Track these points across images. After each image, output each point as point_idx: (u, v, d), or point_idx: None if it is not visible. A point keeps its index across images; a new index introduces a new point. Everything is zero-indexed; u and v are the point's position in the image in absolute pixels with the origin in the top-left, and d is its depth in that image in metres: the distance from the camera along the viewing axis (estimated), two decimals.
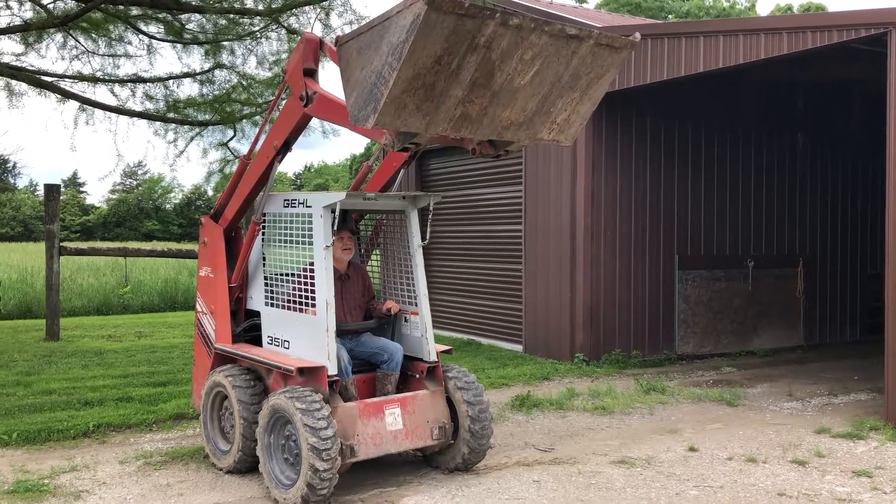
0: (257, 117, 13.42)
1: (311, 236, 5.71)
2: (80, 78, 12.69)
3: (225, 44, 12.73)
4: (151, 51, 12.83)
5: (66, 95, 12.61)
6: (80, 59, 12.75)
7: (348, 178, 67.56)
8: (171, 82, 13.41)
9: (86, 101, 12.82)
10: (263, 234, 6.26)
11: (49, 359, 10.86)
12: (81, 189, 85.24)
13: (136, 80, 13.17)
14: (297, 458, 5.35)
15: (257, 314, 6.33)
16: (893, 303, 7.53)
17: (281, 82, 6.30)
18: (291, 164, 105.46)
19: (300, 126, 5.81)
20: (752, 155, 12.60)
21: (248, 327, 6.44)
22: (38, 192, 70.70)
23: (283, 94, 6.05)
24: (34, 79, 12.15)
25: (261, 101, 13.43)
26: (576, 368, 10.59)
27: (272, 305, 6.14)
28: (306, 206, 5.77)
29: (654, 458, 6.61)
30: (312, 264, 5.68)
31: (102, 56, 12.83)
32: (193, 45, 12.72)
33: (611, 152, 11.17)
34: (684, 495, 5.73)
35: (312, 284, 5.66)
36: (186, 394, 8.39)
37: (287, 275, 6.05)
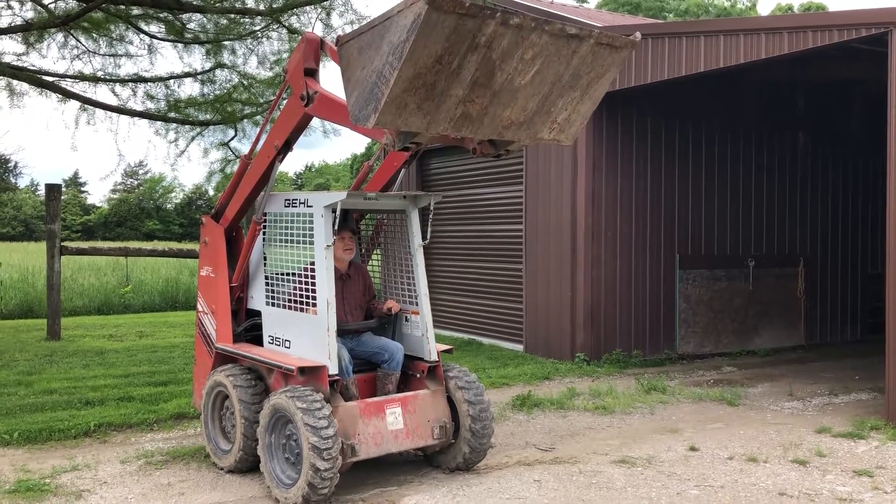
0: (258, 117, 13.44)
1: (311, 236, 5.72)
2: (82, 78, 12.71)
3: (226, 43, 12.75)
4: (152, 50, 12.86)
5: (68, 95, 12.63)
6: (82, 59, 12.79)
7: (349, 178, 67.52)
8: (172, 82, 13.45)
9: (87, 101, 12.84)
10: (264, 233, 6.26)
11: (50, 358, 10.86)
12: (82, 189, 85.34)
13: (137, 79, 13.19)
14: (298, 458, 5.36)
15: (258, 314, 6.33)
16: (894, 302, 7.53)
17: (282, 82, 6.30)
18: (292, 164, 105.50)
19: (301, 126, 5.82)
20: (753, 154, 12.59)
21: (248, 327, 6.44)
22: (39, 192, 70.78)
23: (283, 93, 6.06)
24: (35, 78, 12.16)
25: (262, 100, 13.45)
26: (576, 368, 10.59)
27: (273, 305, 6.14)
28: (307, 206, 5.77)
29: (654, 458, 6.61)
30: (313, 264, 5.68)
31: (103, 56, 12.86)
32: (194, 45, 12.74)
33: (611, 152, 11.17)
34: (685, 495, 5.74)
35: (313, 284, 5.66)
36: (187, 393, 8.39)
37: (288, 274, 6.05)
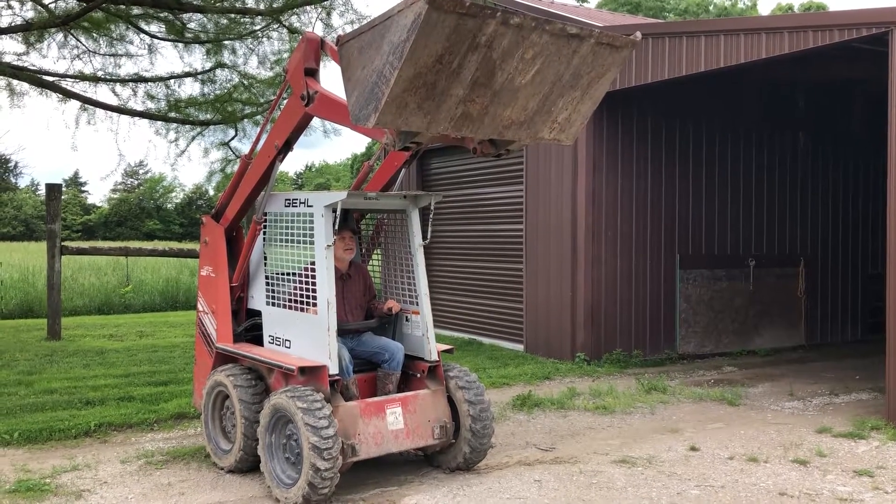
0: (258, 117, 13.44)
1: (312, 236, 5.71)
2: (82, 77, 12.71)
3: (226, 43, 12.75)
4: (153, 50, 12.87)
5: (68, 95, 12.63)
6: (82, 59, 12.80)
7: (349, 178, 67.52)
8: (172, 82, 13.46)
9: (87, 101, 12.84)
10: (265, 233, 6.26)
11: (50, 358, 10.86)
12: (83, 189, 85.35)
13: (138, 79, 13.19)
14: (299, 458, 5.36)
15: (258, 314, 6.33)
16: (894, 302, 7.52)
17: (282, 82, 6.31)
18: (292, 164, 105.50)
19: (301, 125, 5.81)
20: (754, 154, 12.59)
21: (249, 327, 6.44)
22: (39, 192, 70.81)
23: (284, 93, 6.06)
24: (35, 78, 12.16)
25: (262, 100, 13.45)
26: (577, 368, 10.59)
27: (273, 305, 6.14)
28: (307, 206, 5.77)
29: (655, 458, 6.61)
30: (314, 264, 5.67)
31: (104, 55, 12.86)
32: (195, 45, 12.74)
33: (612, 151, 11.17)
34: (685, 495, 5.73)
35: (314, 284, 5.66)
36: (188, 393, 8.39)
37: (288, 274, 6.05)
